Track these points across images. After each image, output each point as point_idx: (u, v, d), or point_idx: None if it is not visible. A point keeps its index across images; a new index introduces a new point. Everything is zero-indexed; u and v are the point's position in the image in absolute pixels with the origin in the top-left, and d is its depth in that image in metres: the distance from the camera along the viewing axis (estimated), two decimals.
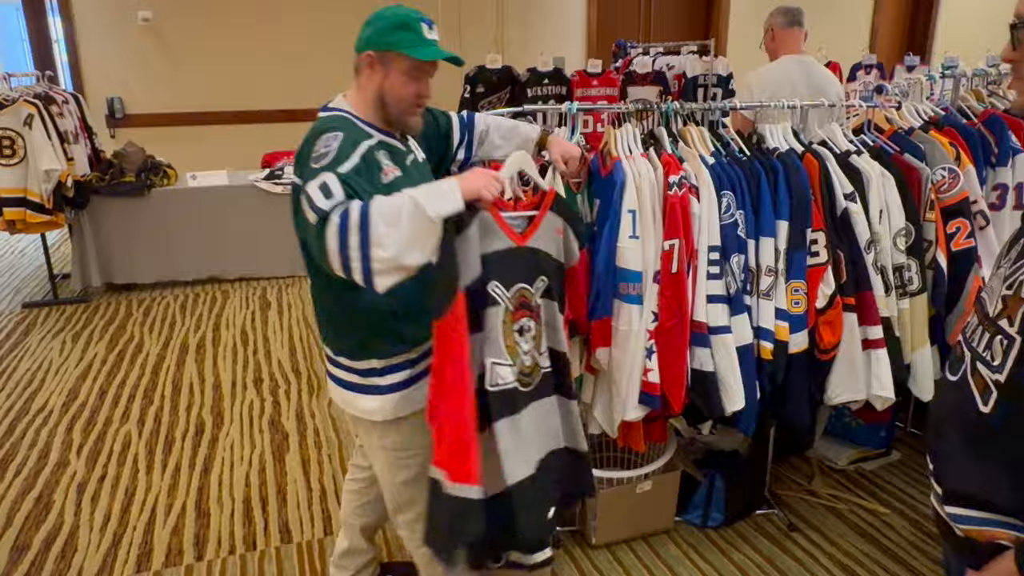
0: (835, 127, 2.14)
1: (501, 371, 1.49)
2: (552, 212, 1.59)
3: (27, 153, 4.18)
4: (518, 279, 1.52)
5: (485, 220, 1.47)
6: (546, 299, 1.58)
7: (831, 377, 2.07)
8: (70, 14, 5.89)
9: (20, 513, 2.47)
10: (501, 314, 1.49)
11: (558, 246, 1.61)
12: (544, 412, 1.59)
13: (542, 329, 1.57)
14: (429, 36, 1.54)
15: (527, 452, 1.54)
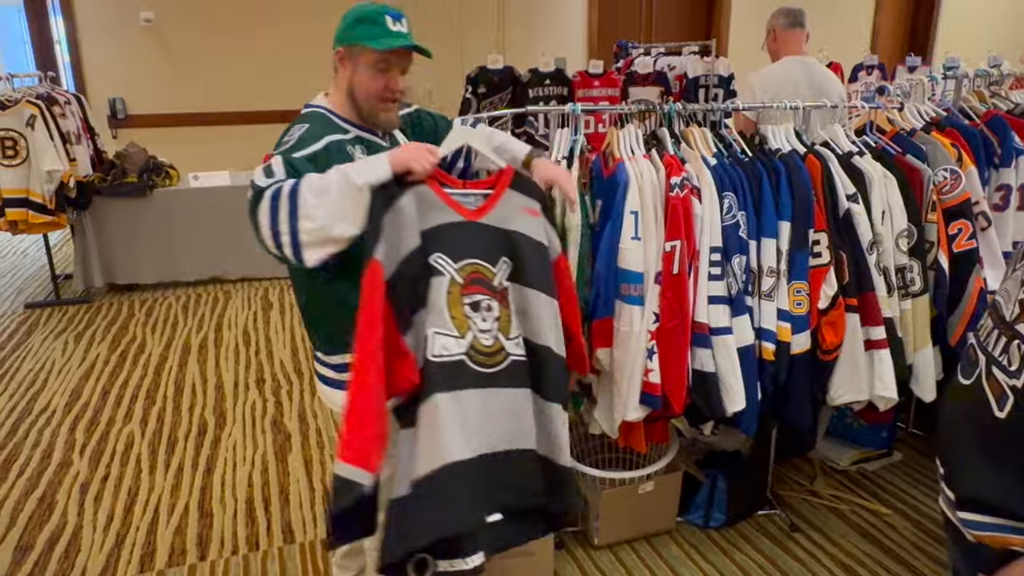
0: (837, 128, 2.14)
1: (445, 341, 1.41)
2: (514, 191, 1.54)
3: (29, 154, 4.18)
4: (469, 254, 1.46)
5: (423, 194, 1.44)
6: (516, 284, 1.50)
7: (833, 378, 2.07)
8: (72, 15, 5.89)
9: (23, 513, 2.47)
10: (445, 284, 1.43)
11: (536, 227, 1.54)
12: (508, 404, 1.46)
13: (510, 314, 1.49)
14: (395, 28, 1.52)
15: (470, 435, 1.41)
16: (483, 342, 1.44)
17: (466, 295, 1.44)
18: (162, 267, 4.84)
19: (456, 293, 1.43)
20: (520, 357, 1.49)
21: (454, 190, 1.50)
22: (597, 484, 2.19)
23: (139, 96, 6.11)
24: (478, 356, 1.43)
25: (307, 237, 1.36)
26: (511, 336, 1.48)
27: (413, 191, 1.43)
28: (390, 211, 1.39)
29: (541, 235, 1.54)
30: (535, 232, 1.53)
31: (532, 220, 1.53)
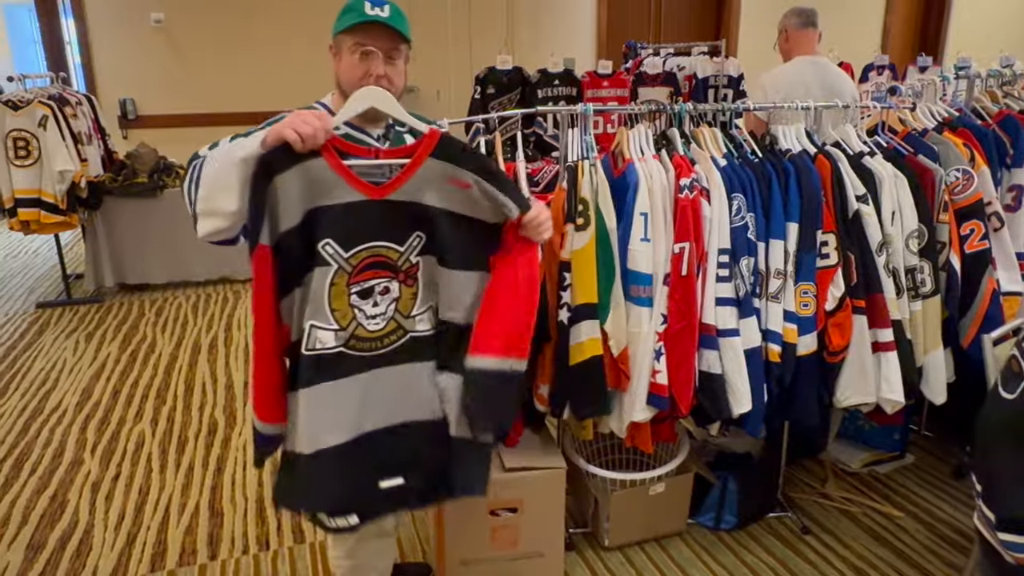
0: (849, 128, 2.13)
1: (322, 336, 1.36)
2: (437, 160, 1.38)
3: (41, 154, 4.21)
4: (366, 237, 1.36)
5: (314, 169, 1.31)
6: (427, 256, 1.42)
7: (840, 379, 2.07)
8: (83, 16, 5.93)
9: (35, 511, 2.49)
10: (330, 276, 1.34)
11: (463, 202, 1.40)
12: (399, 379, 1.43)
13: (416, 291, 1.42)
14: (371, 12, 1.44)
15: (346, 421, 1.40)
16: (368, 328, 1.40)
17: (355, 283, 1.37)
18: (172, 267, 4.86)
19: (342, 284, 1.36)
20: (423, 333, 1.45)
21: (361, 161, 1.36)
22: (607, 485, 2.19)
23: (149, 97, 6.15)
24: (359, 343, 1.40)
25: (198, 207, 1.33)
26: (413, 313, 1.43)
27: (301, 166, 1.30)
28: (271, 187, 1.29)
29: (469, 207, 1.40)
30: (461, 205, 1.40)
31: (460, 192, 1.40)
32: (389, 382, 1.43)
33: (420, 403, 1.46)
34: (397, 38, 1.48)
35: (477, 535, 2.01)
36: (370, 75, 1.47)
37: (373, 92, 1.40)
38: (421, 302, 1.44)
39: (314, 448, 1.38)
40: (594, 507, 2.26)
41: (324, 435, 1.39)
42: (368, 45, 1.46)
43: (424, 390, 1.46)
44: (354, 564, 1.74)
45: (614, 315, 1.92)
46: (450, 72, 6.33)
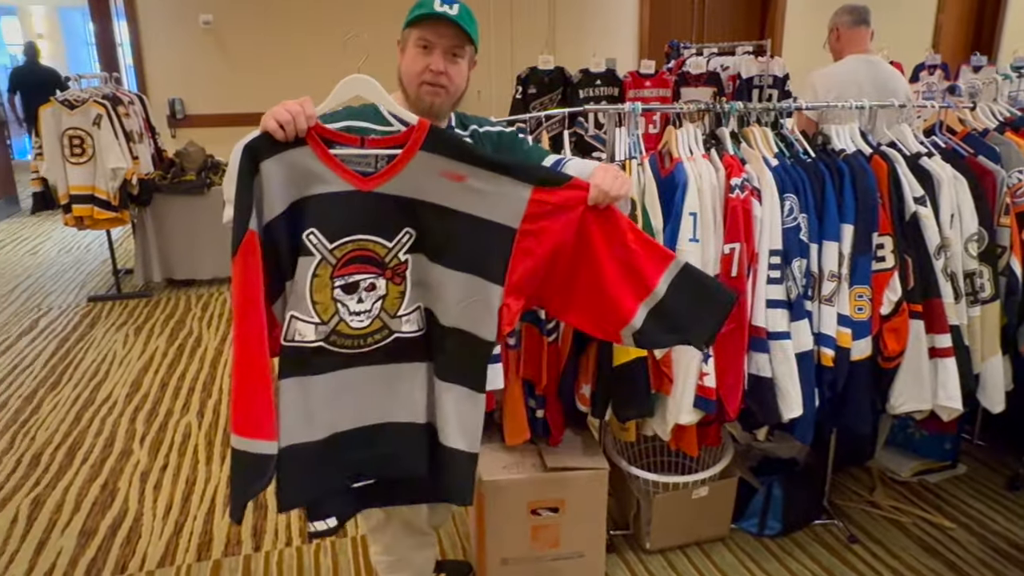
0: (905, 128, 2.08)
1: (301, 327, 1.32)
2: (429, 152, 1.31)
3: (95, 152, 4.33)
4: (352, 229, 1.31)
5: (299, 158, 1.28)
6: (418, 254, 1.35)
7: (895, 385, 2.01)
8: (135, 18, 6.08)
9: (87, 499, 2.55)
10: (312, 266, 1.30)
11: (460, 196, 1.32)
12: (381, 378, 1.37)
13: (404, 290, 1.36)
14: (439, 8, 1.43)
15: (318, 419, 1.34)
16: (352, 324, 1.34)
17: (339, 277, 1.32)
18: (218, 263, 4.95)
19: (325, 276, 1.31)
20: (409, 334, 1.38)
21: (347, 150, 1.31)
22: (650, 487, 2.17)
23: (197, 96, 6.28)
24: (342, 340, 1.34)
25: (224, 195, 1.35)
26: (400, 313, 1.37)
27: (284, 154, 1.27)
28: (257, 176, 1.26)
29: (466, 203, 1.32)
30: (457, 200, 1.32)
31: (456, 187, 1.32)
32: (368, 382, 1.37)
33: (400, 404, 1.40)
34: (463, 37, 1.47)
35: (518, 534, 2.01)
36: (430, 70, 1.46)
37: (358, 79, 1.35)
38: (409, 302, 1.37)
39: (286, 443, 1.32)
40: (636, 509, 2.24)
41: (296, 430, 1.33)
42: (435, 43, 1.46)
43: (406, 392, 1.40)
44: (392, 560, 1.75)
45: None
46: (491, 72, 6.35)
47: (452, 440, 1.39)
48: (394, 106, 1.40)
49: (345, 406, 1.37)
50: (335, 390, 1.35)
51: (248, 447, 1.27)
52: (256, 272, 1.26)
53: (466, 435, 1.40)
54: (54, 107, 4.27)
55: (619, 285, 1.40)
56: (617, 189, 1.38)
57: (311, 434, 1.34)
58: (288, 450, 1.32)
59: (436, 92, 1.49)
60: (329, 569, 2.19)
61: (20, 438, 2.97)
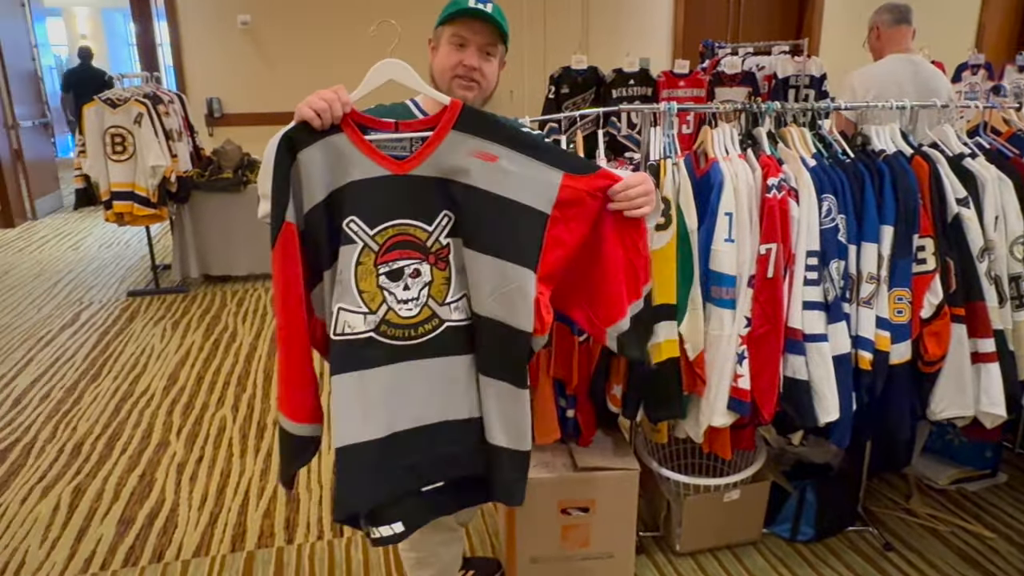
0: (947, 128, 2.04)
1: (350, 319, 1.29)
2: (462, 132, 1.30)
3: (136, 150, 4.42)
4: (392, 214, 1.30)
5: (336, 145, 1.28)
6: (457, 238, 1.33)
7: (936, 391, 1.97)
8: (175, 18, 6.21)
9: (126, 489, 2.61)
10: (355, 254, 1.28)
11: (493, 177, 1.30)
12: (437, 374, 1.34)
13: (449, 276, 1.34)
14: (474, 5, 1.45)
15: (376, 416, 1.32)
16: (401, 314, 1.31)
17: (383, 263, 1.30)
18: (253, 259, 5.03)
19: (369, 264, 1.29)
20: (459, 322, 1.35)
21: (382, 135, 1.31)
22: (681, 489, 2.15)
23: (235, 96, 6.39)
24: (393, 330, 1.31)
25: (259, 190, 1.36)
26: (448, 300, 1.34)
27: (322, 142, 1.27)
28: (295, 165, 1.26)
29: (498, 184, 1.30)
30: (489, 182, 1.30)
31: (488, 167, 1.30)
32: (425, 376, 1.34)
33: (458, 401, 1.37)
34: (496, 34, 1.49)
35: (548, 533, 2.01)
36: (464, 65, 1.47)
37: (392, 63, 1.34)
38: (455, 289, 1.34)
39: (343, 442, 1.30)
40: (666, 511, 2.23)
41: (353, 428, 1.31)
42: (469, 40, 1.47)
43: (462, 387, 1.37)
44: (419, 556, 1.76)
45: (691, 318, 1.88)
46: (524, 72, 6.36)
47: (497, 438, 1.37)
48: (427, 88, 1.40)
49: (402, 404, 1.34)
50: (390, 386, 1.32)
51: (291, 428, 1.33)
52: (295, 262, 1.27)
53: (510, 431, 1.37)
54: (97, 106, 4.37)
55: (620, 283, 1.40)
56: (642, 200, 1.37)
57: (368, 432, 1.31)
58: (345, 450, 1.29)
59: (469, 87, 1.50)
60: (360, 564, 2.22)
61: (62, 428, 3.05)
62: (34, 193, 7.03)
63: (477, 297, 1.33)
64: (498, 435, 1.36)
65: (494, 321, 1.32)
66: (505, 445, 1.37)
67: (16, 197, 6.76)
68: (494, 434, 1.36)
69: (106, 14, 12.61)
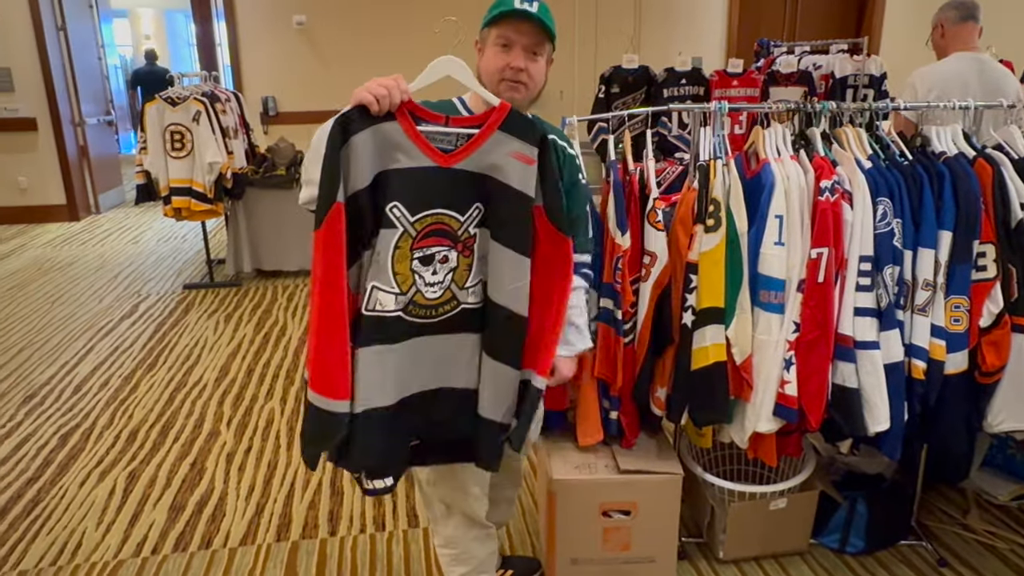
0: (1014, 130, 1.96)
1: (382, 297, 1.37)
2: (505, 132, 1.37)
3: (194, 147, 4.55)
4: (432, 203, 1.36)
5: (388, 132, 1.33)
6: (484, 228, 1.41)
7: (994, 402, 1.90)
8: (233, 19, 6.37)
9: (178, 476, 2.69)
10: (395, 238, 1.35)
11: (523, 177, 1.38)
12: (446, 347, 1.44)
13: (472, 262, 1.42)
14: (520, 5, 1.46)
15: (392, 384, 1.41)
16: (427, 295, 1.40)
17: (418, 249, 1.37)
18: (304, 256, 5.12)
19: (405, 248, 1.36)
20: (473, 305, 1.44)
21: (433, 127, 1.36)
22: (725, 496, 2.12)
23: (289, 95, 6.53)
24: (417, 309, 1.40)
25: (302, 176, 1.42)
26: (467, 285, 1.43)
27: (375, 127, 1.32)
28: (346, 147, 1.30)
29: (529, 186, 1.39)
30: (520, 181, 1.38)
31: (522, 168, 1.38)
32: (435, 349, 1.44)
33: (459, 371, 1.47)
34: (543, 35, 1.49)
35: (589, 535, 2.00)
36: (511, 67, 1.48)
37: (450, 60, 1.39)
38: (474, 274, 1.43)
39: (363, 407, 1.38)
40: (710, 517, 2.19)
41: (373, 395, 1.39)
42: (515, 41, 1.48)
43: (465, 360, 1.46)
44: (455, 553, 1.76)
45: (739, 322, 1.85)
46: (574, 72, 6.34)
47: (487, 411, 1.46)
48: (479, 88, 1.45)
49: (413, 373, 1.44)
50: (407, 358, 1.41)
51: (324, 404, 1.35)
52: (340, 242, 1.31)
53: (500, 407, 1.46)
54: (158, 104, 4.51)
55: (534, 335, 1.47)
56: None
57: (384, 399, 1.40)
58: (364, 414, 1.38)
59: (516, 88, 1.51)
60: (401, 558, 2.24)
61: (119, 415, 3.16)
62: (98, 188, 7.29)
63: (495, 286, 1.43)
64: (490, 409, 1.46)
65: (506, 309, 1.42)
66: (494, 419, 1.47)
67: (81, 192, 7.02)
68: (486, 408, 1.46)
69: (169, 15, 13.02)
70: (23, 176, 6.75)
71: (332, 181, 1.29)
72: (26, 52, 6.48)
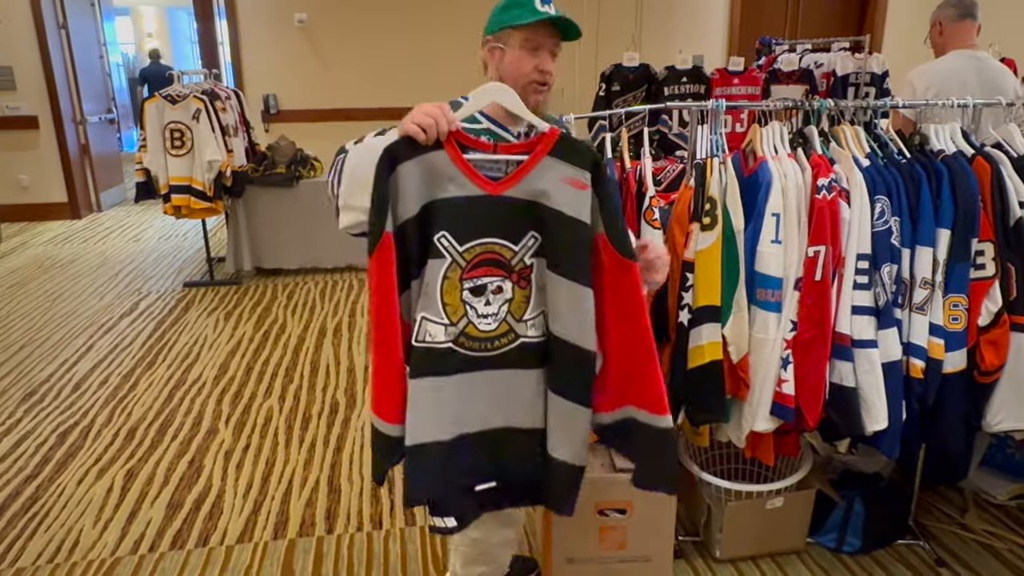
0: (1012, 128, 1.95)
1: (431, 328, 1.35)
2: (555, 158, 1.34)
3: (194, 144, 4.55)
4: (482, 233, 1.34)
5: (435, 161, 1.31)
6: (541, 258, 1.37)
7: (992, 401, 1.90)
8: (235, 17, 6.37)
9: (175, 474, 2.69)
10: (443, 268, 1.33)
11: (576, 203, 1.33)
12: (507, 384, 1.40)
13: (529, 294, 1.38)
14: (542, 8, 1.47)
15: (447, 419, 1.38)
16: (480, 327, 1.37)
17: (468, 279, 1.35)
18: (304, 253, 5.13)
19: (455, 278, 1.34)
20: (534, 339, 1.40)
21: (480, 155, 1.34)
22: (722, 495, 2.11)
23: (290, 93, 6.53)
24: (470, 342, 1.37)
25: (340, 200, 1.39)
26: (525, 317, 1.39)
27: (422, 158, 1.31)
28: (392, 178, 1.29)
29: (583, 212, 1.34)
30: (575, 208, 1.33)
31: (574, 193, 1.34)
32: (494, 385, 1.40)
33: (522, 409, 1.42)
34: (559, 35, 1.51)
35: (585, 534, 1.99)
36: (539, 71, 1.50)
37: (496, 87, 1.39)
38: (534, 306, 1.39)
39: (414, 440, 1.37)
40: (707, 516, 2.19)
41: (426, 429, 1.37)
42: (542, 44, 1.49)
43: (527, 397, 1.42)
44: (475, 553, 1.75)
45: (735, 320, 1.85)
46: (575, 70, 6.32)
47: (557, 451, 1.42)
48: (528, 115, 1.41)
49: (472, 409, 1.40)
50: (463, 392, 1.38)
51: (381, 426, 1.38)
52: (391, 272, 1.31)
53: (571, 447, 1.41)
54: (158, 102, 4.51)
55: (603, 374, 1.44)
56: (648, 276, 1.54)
57: (439, 434, 1.37)
58: (417, 448, 1.36)
59: (541, 91, 1.52)
60: (398, 556, 2.24)
61: (118, 413, 3.16)
62: (100, 186, 7.30)
63: (556, 318, 1.38)
64: (559, 449, 1.41)
65: (569, 343, 1.37)
66: (564, 459, 1.42)
67: (83, 190, 7.03)
68: (555, 447, 1.42)
69: (171, 12, 13.03)
70: (24, 174, 6.76)
71: (380, 211, 1.28)
72: (28, 50, 6.48)
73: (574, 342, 1.37)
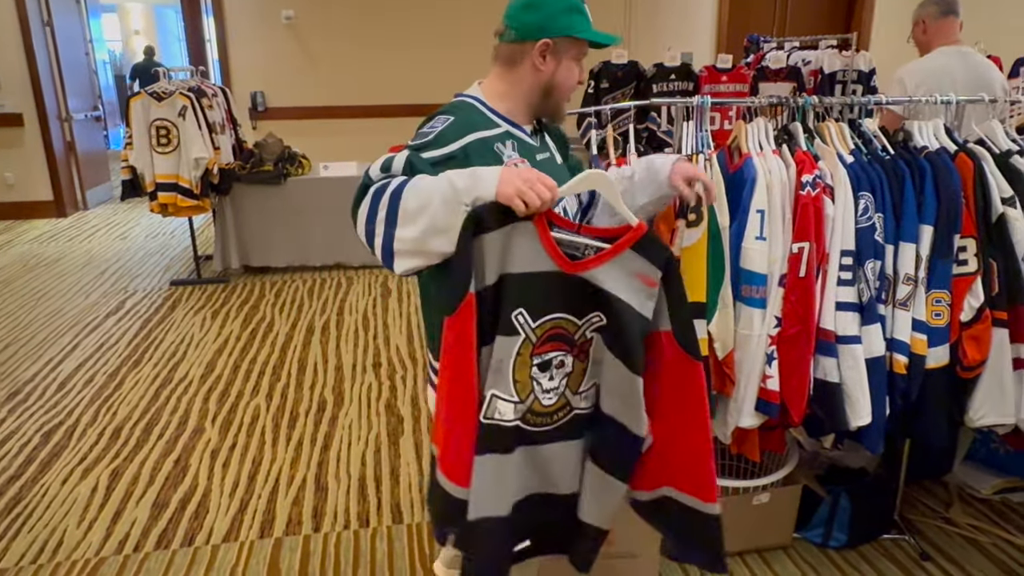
0: (995, 124, 1.96)
1: (501, 406, 1.33)
2: (636, 252, 1.31)
3: (180, 142, 4.52)
4: (554, 308, 1.32)
5: (522, 232, 1.28)
6: (599, 334, 1.36)
7: (975, 396, 1.90)
8: (221, 14, 6.33)
9: (161, 473, 2.68)
10: (517, 345, 1.31)
11: (641, 298, 1.31)
12: (556, 455, 1.40)
13: (586, 367, 1.37)
14: (610, 34, 1.54)
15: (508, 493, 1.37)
16: (543, 402, 1.36)
17: (537, 355, 1.33)
18: (292, 251, 5.11)
19: (526, 355, 1.32)
20: (584, 410, 1.40)
21: (564, 234, 1.32)
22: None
23: (278, 90, 6.50)
24: (534, 418, 1.36)
25: (400, 245, 1.29)
26: (581, 389, 1.38)
27: (511, 228, 1.27)
28: (477, 240, 1.26)
29: (647, 307, 1.32)
30: (640, 303, 1.32)
31: (642, 288, 1.33)
32: (545, 457, 1.39)
33: (565, 476, 1.42)
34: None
35: None
36: (580, 81, 1.55)
37: (600, 175, 1.34)
38: (588, 378, 1.38)
39: (477, 515, 1.34)
40: None
41: (488, 505, 1.35)
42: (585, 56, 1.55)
43: (571, 466, 1.42)
44: None
45: (720, 317, 1.85)
46: None
47: (587, 515, 1.42)
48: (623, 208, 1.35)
49: (525, 480, 1.39)
50: (522, 466, 1.38)
51: (453, 491, 1.36)
52: (471, 333, 1.28)
53: (600, 514, 1.42)
54: (143, 99, 4.48)
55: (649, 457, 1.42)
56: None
57: (500, 508, 1.36)
58: (480, 522, 1.35)
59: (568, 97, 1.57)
60: (384, 554, 2.23)
61: (103, 412, 3.14)
62: (86, 184, 7.24)
63: (607, 398, 1.38)
64: (589, 514, 1.42)
65: (618, 423, 1.37)
66: (592, 523, 1.42)
67: (69, 188, 6.97)
68: (585, 512, 1.42)
69: (158, 10, 12.94)
70: (9, 172, 6.70)
71: (465, 271, 1.26)
72: (12, 47, 6.42)
73: (625, 424, 1.36)
